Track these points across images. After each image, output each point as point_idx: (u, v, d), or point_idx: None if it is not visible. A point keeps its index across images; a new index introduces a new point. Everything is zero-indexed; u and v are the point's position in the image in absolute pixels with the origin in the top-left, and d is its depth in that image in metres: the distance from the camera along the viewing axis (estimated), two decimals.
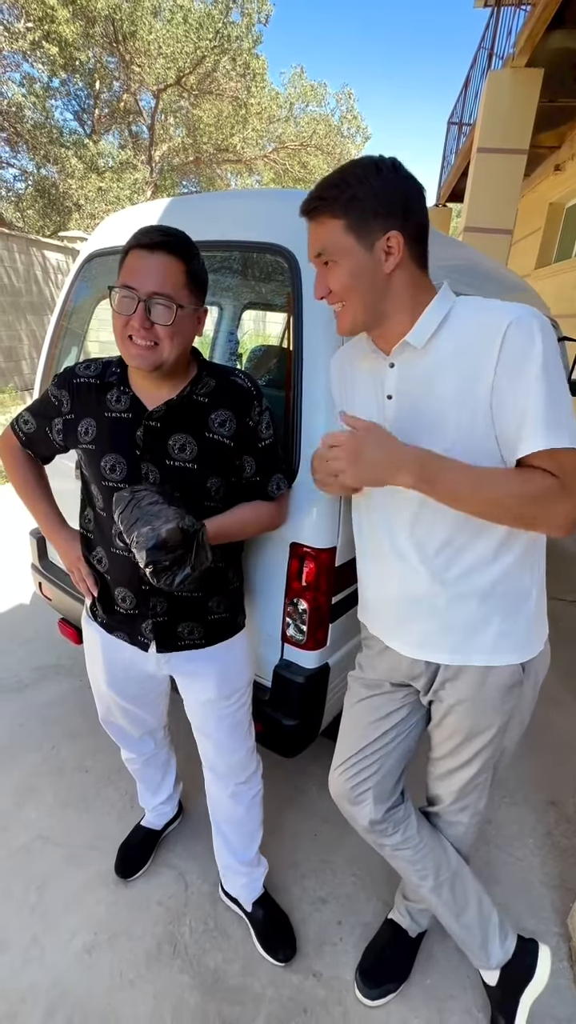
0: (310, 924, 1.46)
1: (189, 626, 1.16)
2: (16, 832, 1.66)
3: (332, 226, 0.87)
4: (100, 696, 1.35)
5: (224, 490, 1.12)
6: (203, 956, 1.37)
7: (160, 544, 0.90)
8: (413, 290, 0.91)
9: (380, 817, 1.16)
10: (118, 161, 11.81)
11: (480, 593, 0.96)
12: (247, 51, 11.77)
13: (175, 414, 1.06)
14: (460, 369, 0.87)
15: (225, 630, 1.23)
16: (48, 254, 8.59)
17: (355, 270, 0.87)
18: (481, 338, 0.85)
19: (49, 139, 10.71)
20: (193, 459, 1.07)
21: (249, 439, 1.11)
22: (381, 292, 0.89)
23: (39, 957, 1.35)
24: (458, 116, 9.05)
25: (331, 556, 1.31)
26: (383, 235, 0.85)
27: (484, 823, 1.74)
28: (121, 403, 1.08)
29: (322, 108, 14.02)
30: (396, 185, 0.86)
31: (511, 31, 5.59)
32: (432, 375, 0.90)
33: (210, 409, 1.08)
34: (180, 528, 0.91)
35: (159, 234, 0.98)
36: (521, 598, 0.98)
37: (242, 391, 1.11)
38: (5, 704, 2.20)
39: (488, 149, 5.61)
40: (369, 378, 1.00)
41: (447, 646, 1.01)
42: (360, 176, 0.85)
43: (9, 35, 8.59)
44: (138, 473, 1.06)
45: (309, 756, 1.58)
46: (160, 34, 10.74)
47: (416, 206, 0.88)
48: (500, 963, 1.23)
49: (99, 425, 1.09)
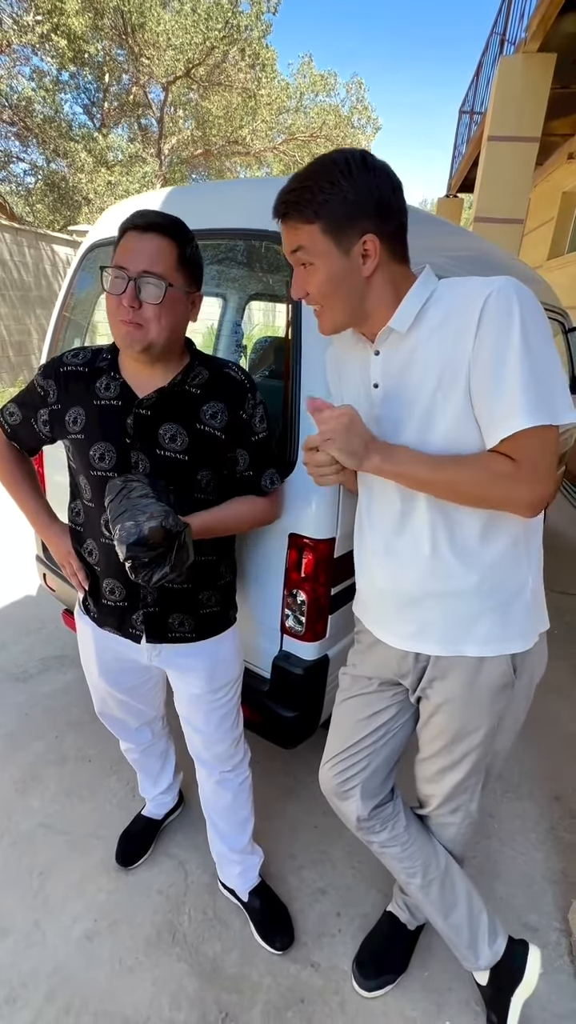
0: (309, 915, 1.46)
1: (180, 618, 1.15)
2: (19, 820, 1.68)
3: (306, 230, 0.84)
4: (95, 688, 1.36)
5: (215, 483, 1.11)
6: (202, 944, 1.38)
7: (141, 541, 0.89)
8: (394, 285, 0.89)
9: (367, 814, 1.16)
10: (127, 154, 11.81)
11: (472, 582, 0.94)
12: (256, 41, 11.67)
13: (166, 403, 1.05)
14: (441, 349, 0.85)
15: (216, 624, 1.22)
16: (57, 248, 8.62)
17: (333, 275, 0.85)
18: (461, 313, 0.82)
19: (59, 133, 10.71)
20: (184, 450, 1.05)
21: (242, 432, 1.10)
22: (361, 295, 0.88)
23: (40, 942, 1.37)
24: (469, 104, 8.91)
25: (330, 547, 1.30)
26: (359, 238, 0.83)
27: (485, 817, 1.73)
28: (111, 390, 1.07)
29: (332, 98, 13.89)
30: (369, 185, 0.82)
31: (523, 15, 5.47)
32: (415, 356, 0.88)
33: (202, 400, 1.07)
34: (163, 527, 0.90)
35: (152, 215, 0.97)
36: (515, 588, 0.96)
37: (235, 383, 1.09)
38: (11, 693, 2.22)
39: (499, 137, 5.51)
40: (357, 368, 0.99)
41: (438, 637, 0.99)
42: (331, 179, 0.81)
43: (18, 28, 8.58)
44: (127, 462, 1.05)
45: (309, 747, 1.58)
46: (169, 25, 10.68)
47: (392, 204, 0.85)
48: (489, 964, 1.22)
49: (88, 413, 1.07)
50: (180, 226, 1.00)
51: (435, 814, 1.19)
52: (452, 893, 1.19)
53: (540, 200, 8.01)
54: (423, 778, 1.17)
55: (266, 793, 1.78)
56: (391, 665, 1.08)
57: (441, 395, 0.85)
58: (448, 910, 1.19)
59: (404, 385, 0.90)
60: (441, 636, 0.99)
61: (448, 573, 0.94)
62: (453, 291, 0.86)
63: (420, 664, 1.04)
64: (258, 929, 1.40)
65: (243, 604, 1.42)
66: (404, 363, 0.90)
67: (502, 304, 0.79)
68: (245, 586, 1.44)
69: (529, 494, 0.84)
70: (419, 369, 0.87)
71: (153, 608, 1.13)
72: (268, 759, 1.87)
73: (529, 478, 0.82)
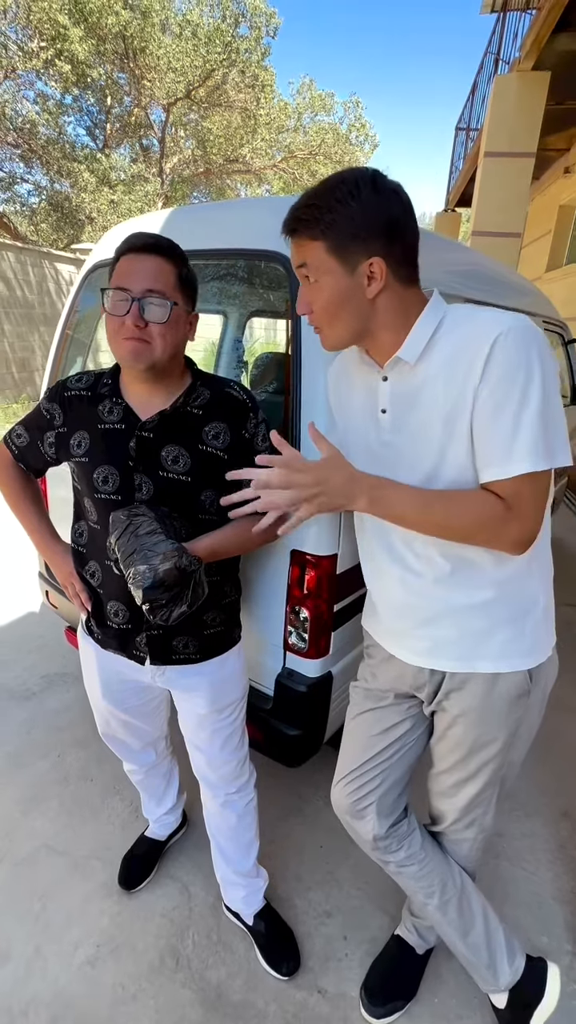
0: (315, 938, 1.43)
1: (184, 639, 1.15)
2: (21, 841, 1.66)
3: (313, 247, 0.84)
4: (98, 709, 1.34)
5: (220, 504, 1.10)
6: (206, 970, 1.35)
7: (157, 583, 0.89)
8: (401, 308, 0.87)
9: (383, 832, 1.14)
10: (129, 174, 11.99)
11: (484, 599, 0.93)
12: (256, 63, 11.90)
13: (168, 425, 1.06)
14: (448, 384, 0.84)
15: (220, 644, 1.21)
16: (60, 266, 8.73)
17: (337, 294, 0.84)
18: (469, 351, 0.81)
19: (62, 154, 10.91)
20: (187, 471, 1.05)
21: (244, 451, 1.09)
22: (365, 315, 0.87)
23: (42, 969, 1.34)
24: (465, 121, 9.05)
25: (332, 563, 1.29)
26: (365, 260, 0.82)
27: (493, 836, 1.70)
28: (114, 414, 1.07)
29: (330, 117, 14.09)
30: (377, 206, 0.81)
31: (517, 35, 5.58)
32: (423, 391, 0.87)
33: (204, 421, 1.07)
34: (176, 568, 0.91)
35: (149, 237, 0.99)
36: (528, 603, 0.96)
37: (237, 403, 1.09)
38: (14, 711, 2.21)
39: (495, 153, 5.59)
40: (364, 391, 0.98)
41: (452, 653, 0.98)
42: (339, 198, 0.81)
43: (23, 54, 8.78)
44: (131, 485, 1.05)
45: (314, 766, 1.56)
46: (170, 49, 10.90)
47: (402, 226, 0.84)
48: (509, 984, 1.19)
49: (92, 437, 1.08)
50: (177, 248, 1.02)
51: (450, 830, 1.17)
52: (470, 911, 1.17)
53: (538, 213, 8.10)
54: (438, 792, 1.15)
55: (270, 813, 1.76)
56: (407, 678, 1.07)
57: (448, 434, 0.85)
58: (467, 929, 1.17)
59: (413, 416, 0.89)
60: (456, 653, 0.98)
61: (463, 591, 0.94)
62: (462, 327, 0.85)
63: (436, 677, 1.03)
64: (263, 954, 1.37)
65: (246, 621, 1.41)
66: (413, 394, 0.89)
67: (510, 347, 0.78)
68: (248, 603, 1.44)
69: (517, 534, 0.84)
70: (427, 404, 0.87)
71: (157, 631, 1.12)
72: (271, 778, 1.84)
73: (519, 519, 0.82)
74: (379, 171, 0.83)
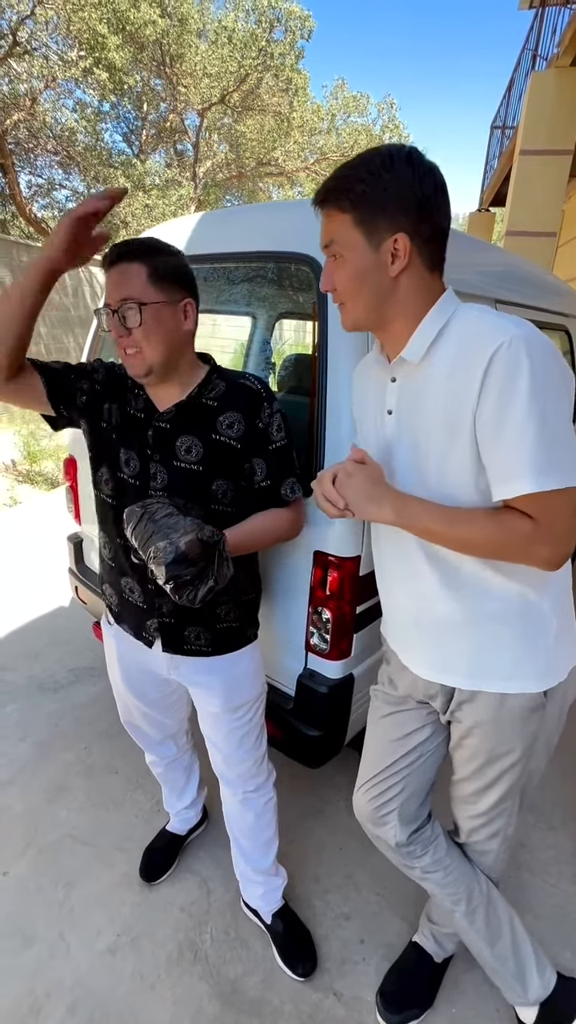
0: (332, 941, 1.43)
1: (196, 630, 1.16)
2: (47, 830, 1.71)
3: (339, 220, 0.83)
4: (119, 695, 1.39)
5: (233, 494, 1.11)
6: (223, 966, 1.36)
7: (180, 558, 0.86)
8: (420, 295, 0.86)
9: (405, 839, 1.13)
10: (164, 179, 12.18)
11: (492, 618, 0.92)
12: (290, 67, 11.93)
13: (184, 416, 1.08)
14: (449, 391, 0.82)
15: (233, 640, 1.21)
16: (95, 271, 8.94)
17: (360, 269, 0.83)
18: (469, 360, 0.79)
19: (99, 161, 11.15)
20: (199, 461, 1.07)
21: (258, 441, 1.10)
22: (385, 295, 0.85)
23: (64, 953, 1.38)
24: (501, 119, 8.90)
25: (355, 565, 1.29)
26: (391, 236, 0.81)
27: (516, 847, 1.67)
28: (138, 403, 1.12)
29: (364, 118, 14.04)
30: (410, 181, 0.79)
31: (556, 30, 5.46)
32: (426, 394, 0.86)
33: (219, 412, 1.09)
34: (200, 539, 0.88)
35: (117, 248, 1.00)
36: (539, 625, 0.93)
37: (251, 393, 1.10)
38: (43, 703, 2.27)
39: (531, 151, 5.48)
40: (375, 393, 0.98)
41: (461, 670, 0.97)
42: (371, 170, 0.79)
43: (63, 64, 9.02)
44: (147, 473, 1.09)
45: (336, 767, 1.56)
46: (206, 55, 11.04)
47: (433, 204, 0.81)
48: (539, 998, 1.17)
49: (122, 415, 1.12)
50: (147, 246, 1.01)
51: (473, 841, 1.16)
52: (496, 920, 1.15)
53: (575, 213, 7.89)
54: (459, 799, 1.14)
55: (290, 813, 1.76)
56: (420, 687, 1.07)
57: (449, 439, 0.83)
58: (494, 938, 1.15)
59: (416, 418, 0.89)
60: (464, 669, 0.97)
61: (470, 609, 0.92)
62: (466, 330, 0.82)
63: (447, 689, 1.02)
64: (280, 953, 1.38)
65: (268, 621, 1.42)
66: (417, 395, 0.88)
67: (511, 359, 0.74)
68: (270, 603, 1.45)
69: (548, 554, 0.81)
70: (429, 408, 0.85)
71: (168, 619, 1.14)
72: (293, 778, 1.85)
73: (547, 538, 0.80)
74: (416, 148, 0.81)
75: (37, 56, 8.79)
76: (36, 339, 7.64)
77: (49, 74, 8.93)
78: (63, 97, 10.45)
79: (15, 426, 5.59)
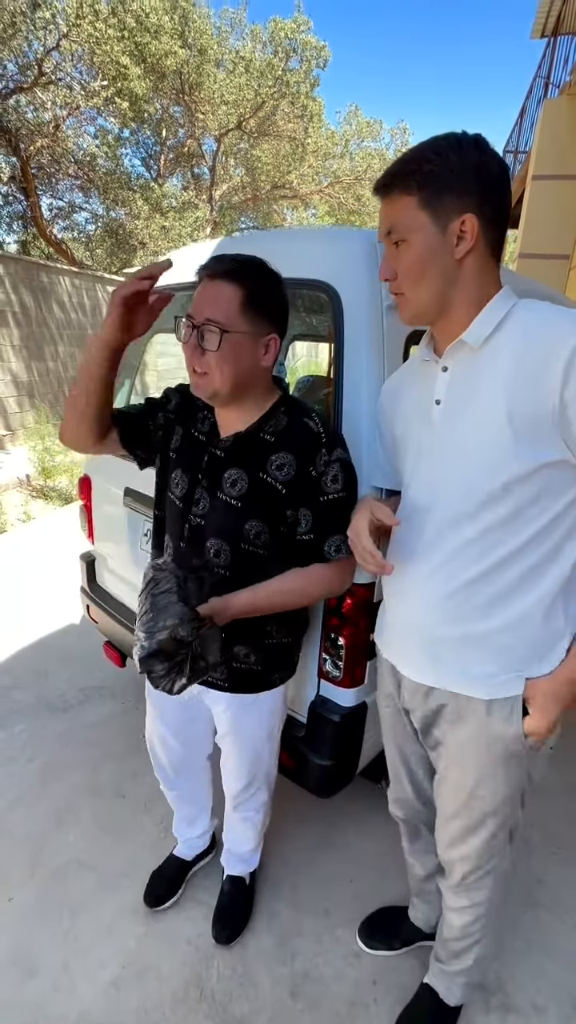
0: (343, 981, 1.39)
1: None
2: (53, 853, 1.68)
3: (405, 203, 0.81)
4: (149, 716, 1.41)
5: (269, 538, 1.05)
6: (229, 1004, 1.32)
7: (153, 654, 0.87)
8: (482, 280, 0.84)
9: None
10: (181, 201, 12.46)
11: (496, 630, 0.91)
12: (305, 95, 12.23)
13: (240, 447, 1.05)
14: (518, 383, 0.80)
15: (252, 683, 1.19)
16: (112, 290, 9.11)
17: (426, 251, 0.82)
18: (543, 352, 0.77)
19: (119, 184, 11.46)
20: (240, 496, 1.04)
21: (308, 490, 1.03)
22: (450, 278, 0.83)
23: (68, 986, 1.35)
24: (514, 144, 9.03)
25: (369, 592, 1.28)
26: (458, 217, 0.80)
27: (532, 883, 1.62)
28: (204, 425, 1.11)
29: (377, 143, 14.33)
30: (477, 162, 0.79)
31: (568, 59, 5.56)
32: (483, 381, 0.84)
33: (273, 450, 1.03)
34: (173, 637, 0.87)
35: (220, 262, 0.97)
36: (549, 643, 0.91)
37: (309, 435, 1.03)
38: (52, 723, 2.26)
39: (544, 176, 5.55)
40: (420, 389, 0.96)
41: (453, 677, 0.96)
42: (438, 150, 0.79)
43: (85, 93, 9.32)
44: (191, 497, 1.08)
45: (346, 795, 1.52)
46: (223, 83, 11.36)
47: (497, 188, 0.82)
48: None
49: (184, 438, 1.12)
50: (250, 268, 0.97)
51: (466, 884, 1.12)
52: None
53: None
54: (446, 842, 1.10)
55: (300, 843, 1.73)
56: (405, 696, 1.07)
57: (514, 432, 0.81)
58: None
59: (471, 407, 0.86)
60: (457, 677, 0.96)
61: (477, 617, 0.91)
62: (533, 318, 0.82)
63: (432, 702, 1.01)
64: (215, 914, 1.48)
65: None
66: (473, 383, 0.86)
67: None
68: None
69: None
70: (487, 396, 0.83)
71: None
72: (302, 807, 1.81)
73: None
74: (482, 135, 0.82)
75: (61, 86, 9.10)
76: (53, 356, 7.80)
77: (72, 103, 9.23)
78: (85, 124, 10.79)
79: (31, 441, 5.66)
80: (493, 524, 0.86)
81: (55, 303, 7.78)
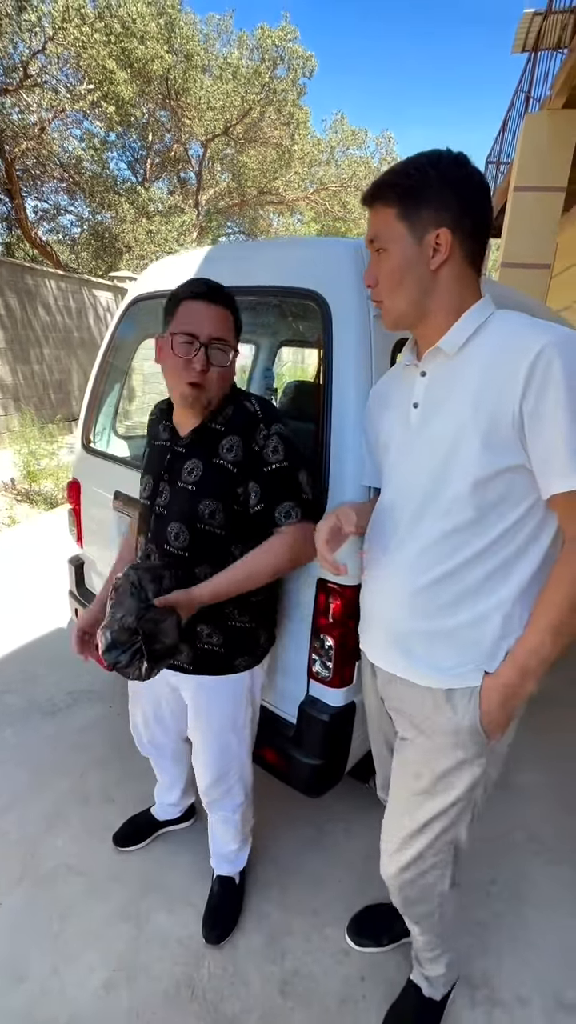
0: (332, 978, 1.40)
1: None
2: (43, 858, 1.68)
3: (386, 214, 0.87)
4: (130, 700, 1.50)
5: (224, 517, 1.13)
6: (220, 1003, 1.33)
7: (111, 646, 0.95)
8: (459, 290, 0.88)
9: None
10: (167, 206, 12.47)
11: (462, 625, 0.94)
12: (291, 103, 12.35)
13: (198, 440, 1.15)
14: (483, 391, 0.84)
15: (215, 664, 1.23)
16: (98, 293, 9.08)
17: (403, 261, 0.87)
18: (508, 362, 0.81)
19: (105, 188, 11.44)
20: (195, 482, 1.13)
21: (253, 464, 1.12)
22: (426, 288, 0.88)
23: (58, 989, 1.34)
24: (496, 155, 9.20)
25: (357, 593, 1.30)
26: (434, 230, 0.84)
27: (519, 880, 1.65)
28: (165, 432, 1.22)
29: (362, 151, 14.51)
30: (456, 178, 0.84)
31: (548, 75, 5.69)
32: (456, 387, 0.88)
33: (223, 436, 1.14)
34: (123, 627, 0.95)
35: (213, 287, 1.09)
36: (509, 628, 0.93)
37: (248, 415, 1.14)
38: (41, 726, 2.25)
39: (525, 187, 5.66)
40: (401, 393, 1.01)
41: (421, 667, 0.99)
42: (419, 165, 0.84)
43: (72, 96, 9.30)
44: (157, 490, 1.19)
45: (334, 796, 1.54)
46: (210, 89, 11.42)
47: (476, 202, 0.86)
48: None
49: (149, 451, 1.25)
50: (232, 296, 1.14)
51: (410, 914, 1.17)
52: None
53: (568, 245, 8.10)
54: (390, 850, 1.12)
55: (288, 844, 1.74)
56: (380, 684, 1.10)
57: (470, 430, 0.85)
58: None
59: (442, 408, 0.90)
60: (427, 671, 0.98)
61: (445, 613, 0.94)
62: (505, 328, 0.86)
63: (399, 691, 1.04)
64: (205, 913, 1.50)
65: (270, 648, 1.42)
66: (447, 388, 0.90)
67: (553, 363, 0.77)
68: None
69: None
70: (458, 398, 0.87)
71: None
72: (292, 808, 1.83)
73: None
74: (464, 153, 0.86)
75: (47, 88, 9.07)
76: (38, 359, 7.73)
77: (58, 106, 9.21)
78: (71, 127, 10.76)
79: (15, 445, 5.61)
80: (460, 524, 0.89)
81: (40, 306, 7.73)
